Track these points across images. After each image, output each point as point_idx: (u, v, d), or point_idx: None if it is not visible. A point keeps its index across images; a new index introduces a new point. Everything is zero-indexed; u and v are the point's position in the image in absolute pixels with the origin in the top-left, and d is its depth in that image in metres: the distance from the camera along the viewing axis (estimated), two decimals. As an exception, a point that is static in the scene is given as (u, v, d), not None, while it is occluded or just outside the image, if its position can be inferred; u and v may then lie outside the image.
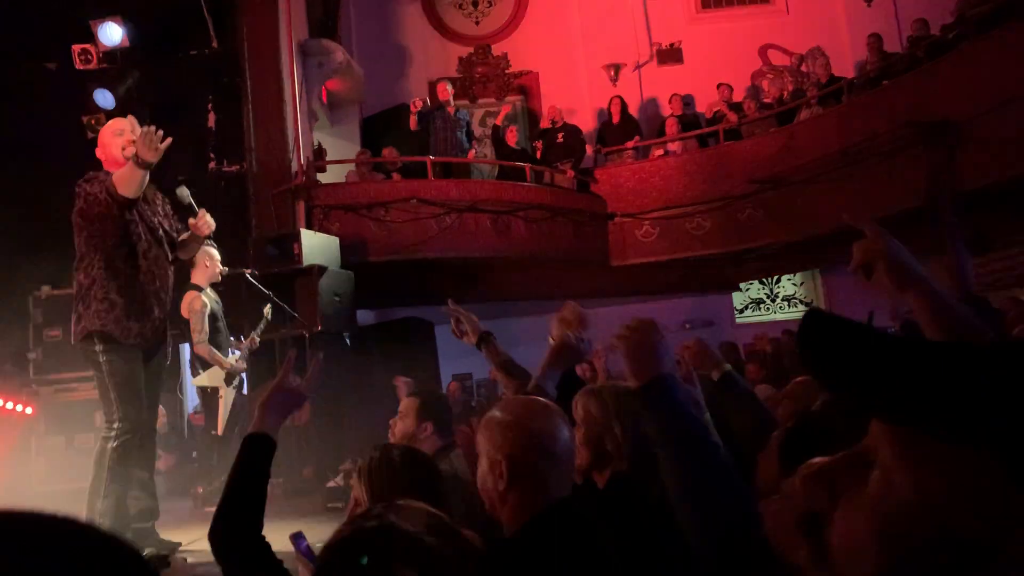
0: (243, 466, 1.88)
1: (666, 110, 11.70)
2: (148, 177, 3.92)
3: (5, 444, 5.92)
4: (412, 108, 9.82)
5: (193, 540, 4.18)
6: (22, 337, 6.62)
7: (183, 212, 4.43)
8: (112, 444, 3.91)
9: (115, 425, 3.93)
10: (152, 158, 3.78)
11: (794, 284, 12.60)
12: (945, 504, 0.50)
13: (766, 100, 11.16)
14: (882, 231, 1.58)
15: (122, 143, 4.11)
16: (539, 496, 1.65)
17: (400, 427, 3.15)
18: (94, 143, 4.33)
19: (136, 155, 3.78)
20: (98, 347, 3.95)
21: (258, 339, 6.42)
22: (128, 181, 3.87)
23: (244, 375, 6.60)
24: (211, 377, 5.90)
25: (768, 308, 12.62)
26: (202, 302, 5.84)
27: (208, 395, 6.02)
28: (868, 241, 1.60)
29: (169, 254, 4.27)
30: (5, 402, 6.31)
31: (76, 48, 7.32)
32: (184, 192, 4.40)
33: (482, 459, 1.74)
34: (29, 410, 6.46)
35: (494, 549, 1.60)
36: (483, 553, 1.33)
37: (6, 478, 5.31)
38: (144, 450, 4.12)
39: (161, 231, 4.23)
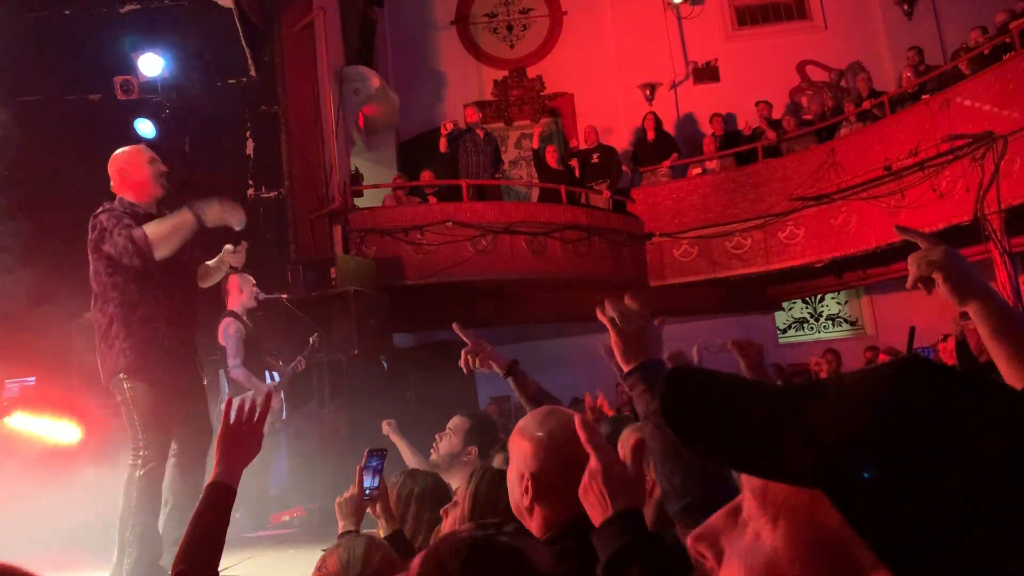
0: (200, 517, 1.86)
1: (703, 129, 11.60)
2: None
3: (48, 469, 5.98)
4: (442, 131, 9.88)
5: (226, 567, 4.16)
6: (65, 363, 6.71)
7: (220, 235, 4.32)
8: (139, 473, 3.81)
9: (141, 453, 3.84)
10: (220, 222, 3.75)
11: (838, 303, 12.35)
12: (802, 554, 0.51)
13: (806, 117, 11.02)
14: (938, 241, 1.54)
15: (158, 170, 4.06)
16: (565, 514, 1.61)
17: (446, 445, 3.15)
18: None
19: (203, 211, 3.71)
20: (123, 376, 3.85)
21: (304, 362, 6.43)
22: (171, 238, 3.76)
23: (283, 398, 6.62)
24: None
25: (812, 327, 12.38)
26: (236, 327, 5.86)
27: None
28: (924, 252, 1.54)
29: (191, 280, 4.15)
30: (50, 427, 6.39)
31: (118, 79, 7.48)
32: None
33: (512, 468, 1.71)
34: (74, 434, 6.53)
35: None
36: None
37: (48, 504, 5.36)
38: (193, 476, 4.03)
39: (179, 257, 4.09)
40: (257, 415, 2.03)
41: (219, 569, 1.84)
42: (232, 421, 1.98)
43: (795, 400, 0.54)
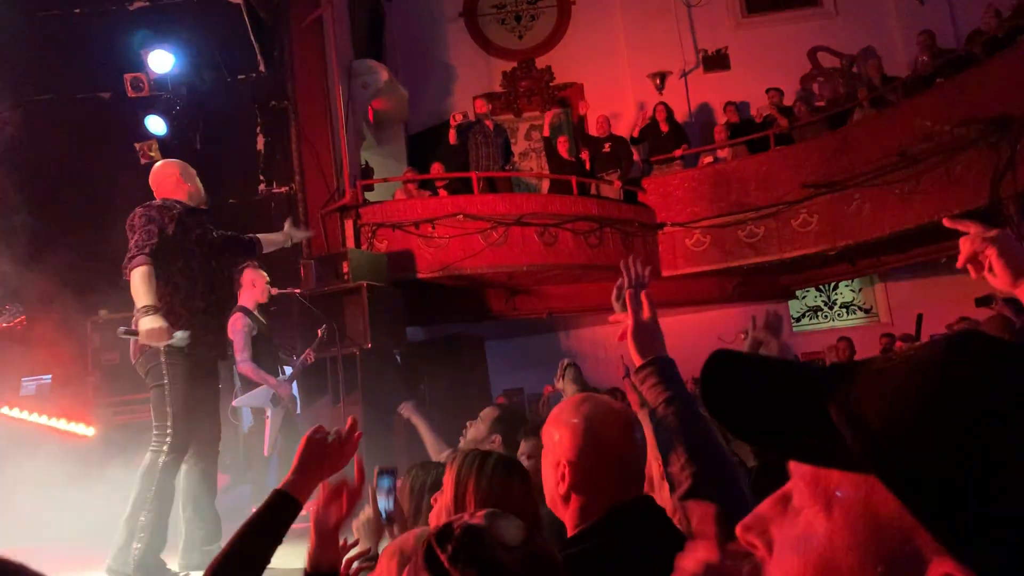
0: (256, 522, 1.67)
1: (714, 117, 11.54)
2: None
3: (65, 466, 6.02)
4: (452, 122, 9.86)
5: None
6: (81, 361, 6.75)
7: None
8: (163, 459, 3.88)
9: (167, 439, 3.91)
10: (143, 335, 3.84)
11: (852, 291, 12.28)
12: (858, 542, 0.50)
13: (818, 103, 10.94)
14: (987, 226, 1.57)
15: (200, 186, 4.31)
16: (601, 502, 1.60)
17: (472, 432, 3.20)
18: (147, 169, 4.42)
19: (146, 324, 3.80)
20: (164, 357, 3.95)
21: (314, 354, 6.44)
22: (138, 287, 3.89)
23: (296, 394, 6.63)
24: (256, 398, 5.93)
25: (826, 316, 12.32)
26: (245, 322, 5.88)
27: (256, 415, 6.05)
28: (980, 231, 1.57)
29: (223, 263, 4.31)
30: (67, 424, 6.44)
31: (128, 77, 7.49)
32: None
33: (547, 456, 1.70)
34: (90, 431, 6.58)
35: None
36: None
37: (65, 500, 5.40)
38: (207, 474, 4.11)
39: (212, 241, 4.26)
40: (346, 437, 1.83)
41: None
42: (320, 435, 1.79)
43: (844, 382, 0.53)
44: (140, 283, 3.86)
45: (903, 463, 0.47)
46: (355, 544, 1.98)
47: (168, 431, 3.91)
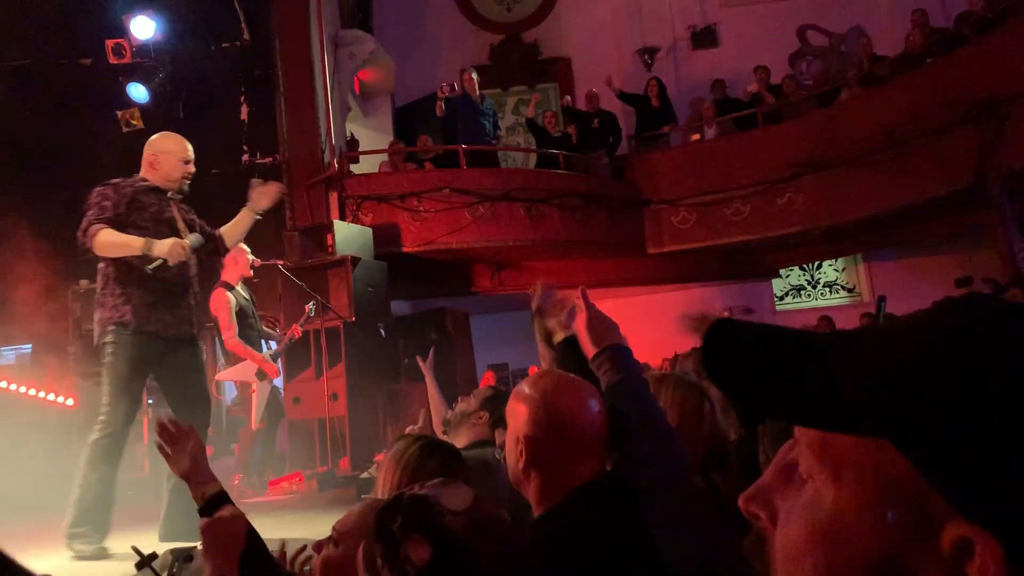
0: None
1: (702, 94, 11.49)
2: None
3: (46, 436, 5.99)
4: (439, 94, 9.76)
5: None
6: (62, 331, 6.69)
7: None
8: (93, 437, 3.82)
9: (100, 419, 3.84)
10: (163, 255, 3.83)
11: (835, 270, 12.34)
12: (869, 507, 0.49)
13: (806, 82, 10.92)
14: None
15: (186, 171, 4.15)
16: (560, 477, 1.59)
17: (461, 405, 3.20)
18: (129, 137, 4.37)
19: (152, 249, 3.80)
20: (109, 337, 3.89)
21: (301, 329, 6.42)
22: (112, 251, 3.86)
23: (281, 366, 6.61)
24: (241, 372, 5.90)
25: (809, 295, 12.39)
26: (228, 298, 5.84)
27: (242, 389, 6.03)
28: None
29: (188, 241, 4.12)
30: (47, 394, 6.39)
31: (110, 43, 7.36)
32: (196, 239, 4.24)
33: (509, 432, 1.69)
34: (71, 401, 6.53)
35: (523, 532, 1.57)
36: (517, 542, 1.32)
37: (46, 471, 5.37)
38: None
39: (174, 220, 4.15)
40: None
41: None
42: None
43: (851, 346, 0.52)
44: (112, 241, 3.82)
45: (916, 425, 0.47)
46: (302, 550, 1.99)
47: (104, 409, 3.85)
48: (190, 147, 4.26)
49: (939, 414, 0.46)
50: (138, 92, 7.49)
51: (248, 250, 5.95)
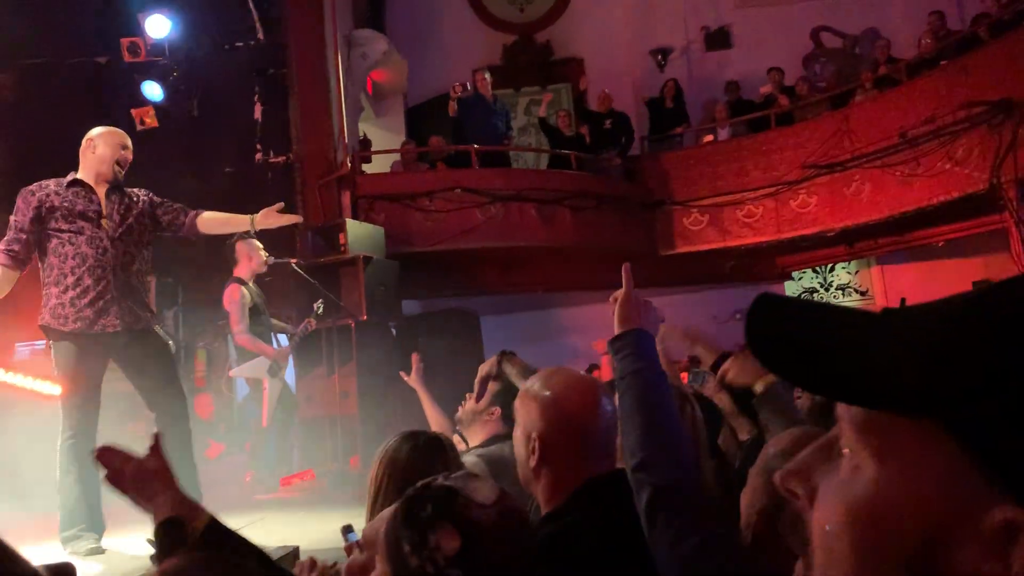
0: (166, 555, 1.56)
1: (715, 96, 11.45)
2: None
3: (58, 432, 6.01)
4: (452, 94, 9.76)
5: (240, 527, 4.17)
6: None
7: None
8: (59, 443, 3.80)
9: (61, 422, 3.82)
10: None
11: (848, 272, 12.28)
12: (911, 487, 0.48)
13: (819, 84, 10.87)
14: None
15: (121, 156, 4.13)
16: (571, 476, 1.59)
17: (471, 403, 3.20)
18: (144, 136, 4.35)
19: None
20: (49, 342, 3.90)
21: (314, 323, 6.42)
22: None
23: (292, 362, 6.63)
24: (252, 369, 5.91)
25: (821, 298, 12.33)
26: (240, 293, 5.85)
27: (254, 386, 6.05)
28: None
29: (109, 230, 4.01)
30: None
31: (125, 41, 7.40)
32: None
33: (517, 430, 1.69)
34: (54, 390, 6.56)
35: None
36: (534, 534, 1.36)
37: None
38: (175, 437, 3.92)
39: (95, 211, 4.02)
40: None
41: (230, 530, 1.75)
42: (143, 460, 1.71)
43: (901, 323, 0.51)
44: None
45: (967, 405, 0.46)
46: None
47: (62, 412, 3.83)
48: (124, 134, 4.25)
49: (993, 394, 0.45)
50: (152, 91, 7.52)
51: (261, 247, 5.97)
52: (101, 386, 3.99)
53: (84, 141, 4.20)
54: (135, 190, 4.21)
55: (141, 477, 1.66)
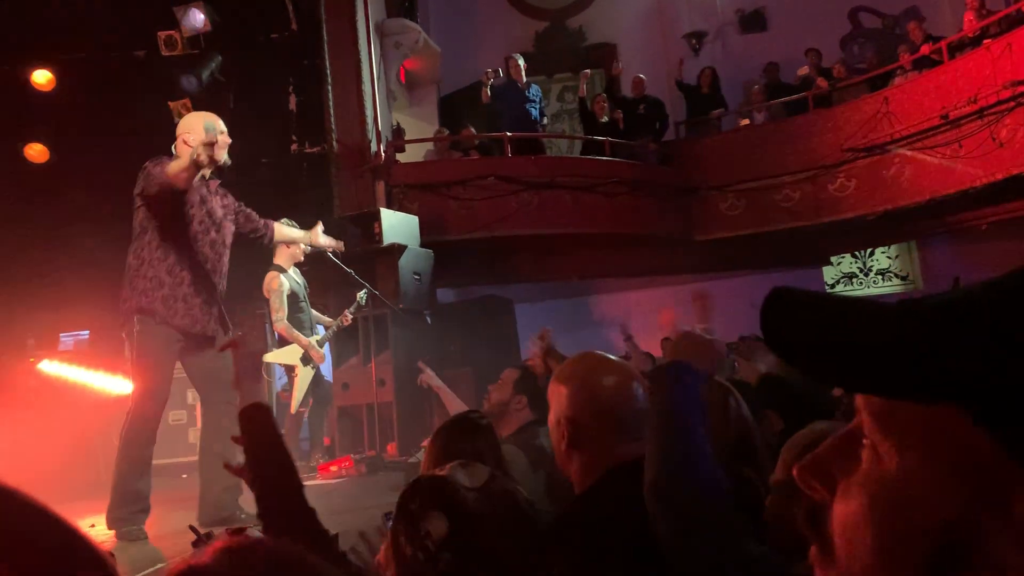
0: (248, 451, 1.87)
1: (751, 79, 11.30)
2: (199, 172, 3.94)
3: (103, 421, 6.15)
4: (484, 79, 9.74)
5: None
6: (116, 316, 6.84)
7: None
8: (126, 425, 3.88)
9: (130, 406, 3.92)
10: (209, 165, 3.83)
11: (888, 257, 12.07)
12: (937, 478, 0.47)
13: (858, 65, 10.67)
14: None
15: (207, 155, 4.15)
16: (603, 459, 1.60)
17: (496, 395, 3.21)
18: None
19: (198, 156, 3.75)
20: (136, 326, 3.92)
21: (351, 316, 6.50)
22: (181, 176, 3.86)
23: (328, 352, 6.70)
24: (286, 355, 5.98)
25: (861, 282, 12.14)
26: (280, 281, 5.92)
27: (288, 373, 6.13)
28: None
29: (227, 240, 4.23)
30: (104, 379, 6.56)
31: (162, 35, 7.48)
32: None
33: (551, 414, 1.71)
34: (127, 386, 6.70)
35: (563, 511, 1.61)
36: (538, 520, 1.36)
37: (101, 452, 5.53)
38: (218, 430, 4.04)
39: (220, 216, 4.20)
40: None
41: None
42: (234, 343, 2.05)
43: (925, 311, 0.50)
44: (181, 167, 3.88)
45: (994, 392, 0.45)
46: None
47: (132, 395, 3.94)
48: (220, 121, 4.24)
49: (1022, 378, 0.44)
50: (189, 83, 7.60)
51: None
52: None
53: (180, 134, 4.20)
54: None
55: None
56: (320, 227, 4.86)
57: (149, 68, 7.78)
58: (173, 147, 4.17)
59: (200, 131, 4.10)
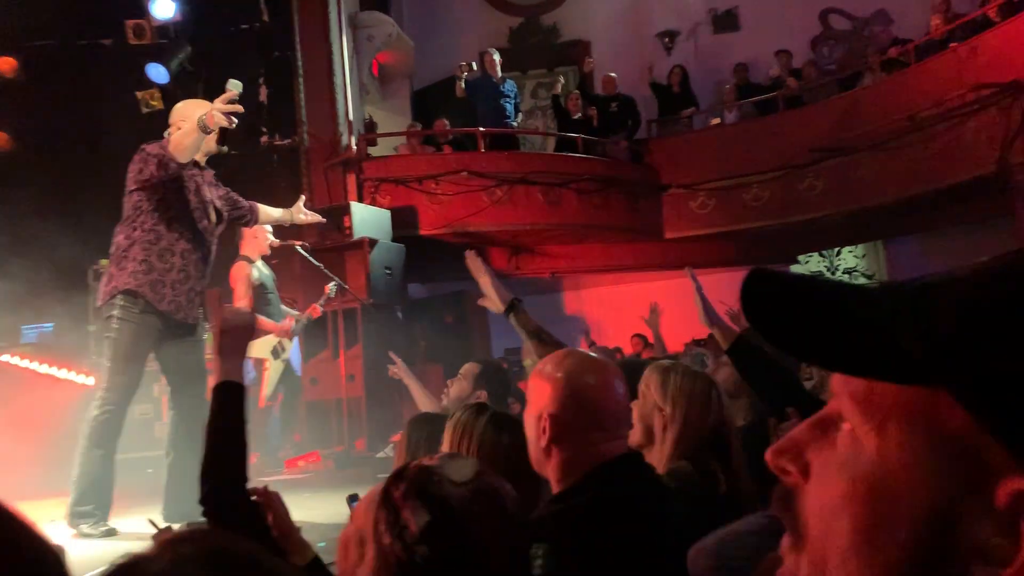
0: (213, 423, 1.84)
1: (722, 78, 11.38)
2: (202, 143, 3.87)
3: (65, 414, 6.05)
4: (458, 73, 9.71)
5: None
6: (81, 309, 6.75)
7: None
8: (94, 413, 3.81)
9: (101, 394, 3.84)
10: (215, 125, 3.71)
11: (856, 256, 12.23)
12: (919, 460, 0.46)
13: (828, 66, 10.80)
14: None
15: (207, 148, 4.08)
16: (585, 456, 1.59)
17: (455, 389, 3.17)
18: (149, 118, 4.38)
19: (203, 118, 3.68)
20: (117, 308, 3.85)
21: (320, 309, 6.45)
22: (184, 144, 3.79)
23: (297, 347, 6.64)
24: (257, 349, 5.93)
25: (828, 282, 12.25)
26: (248, 271, 5.86)
27: (257, 367, 6.07)
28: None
29: (216, 227, 4.21)
30: (68, 372, 6.45)
31: (130, 23, 7.38)
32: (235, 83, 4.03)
33: (529, 410, 1.69)
34: (91, 380, 6.60)
35: (546, 509, 1.58)
36: (521, 513, 1.34)
37: (64, 447, 5.44)
38: (191, 421, 4.01)
39: (212, 203, 4.20)
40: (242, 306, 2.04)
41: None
42: (223, 315, 1.99)
43: (908, 290, 0.49)
44: (184, 138, 3.83)
45: (978, 372, 0.44)
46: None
47: (105, 383, 3.85)
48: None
49: (1007, 361, 0.43)
50: (158, 73, 7.50)
51: (269, 228, 5.98)
52: None
53: (176, 121, 4.11)
54: None
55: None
56: (301, 201, 4.82)
57: (117, 57, 7.67)
58: (166, 133, 4.12)
59: (196, 118, 4.08)
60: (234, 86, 3.86)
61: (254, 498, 1.82)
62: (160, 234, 3.94)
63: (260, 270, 6.04)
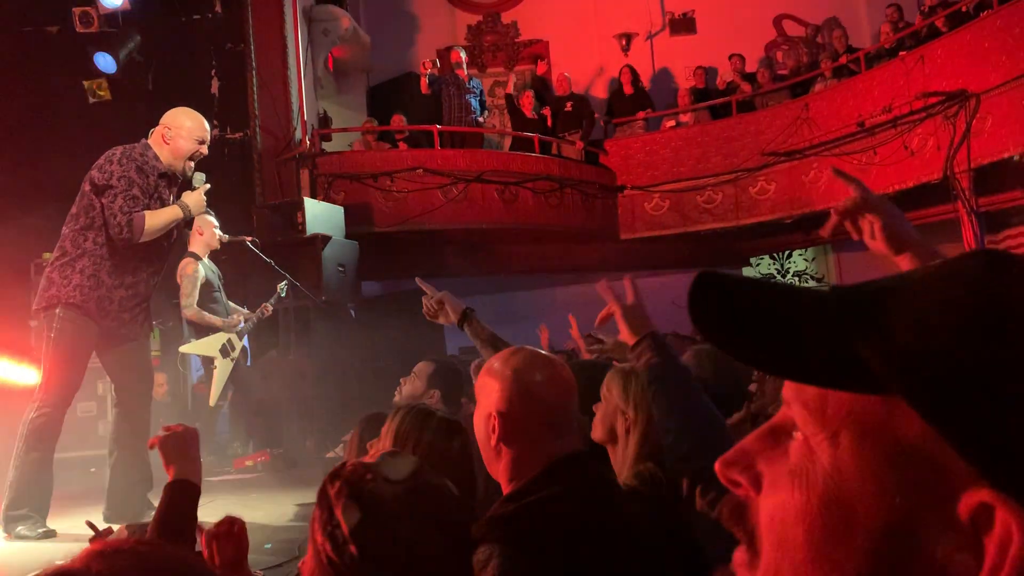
0: (163, 516, 1.83)
1: (678, 81, 11.49)
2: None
3: (8, 416, 5.86)
4: (422, 70, 9.63)
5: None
6: (23, 304, 6.54)
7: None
8: (31, 415, 3.75)
9: (38, 397, 3.78)
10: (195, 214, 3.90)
11: (805, 259, 12.43)
12: (874, 470, 0.45)
13: (780, 71, 10.96)
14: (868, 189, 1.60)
15: (197, 151, 4.04)
16: (537, 455, 1.57)
17: (408, 388, 3.15)
18: (96, 108, 4.25)
19: (189, 208, 3.83)
20: (58, 317, 3.78)
21: (271, 307, 6.35)
22: (160, 226, 3.84)
23: (247, 346, 6.53)
24: (205, 347, 5.82)
25: (778, 284, 12.45)
26: (194, 267, 5.75)
27: (206, 365, 5.96)
28: (864, 194, 1.61)
29: (162, 254, 4.15)
30: (8, 370, 6.26)
31: (77, 11, 7.18)
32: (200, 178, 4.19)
33: (479, 408, 1.67)
34: (31, 378, 6.41)
35: (498, 509, 1.56)
36: (467, 519, 1.35)
37: (8, 449, 5.28)
38: (137, 421, 3.97)
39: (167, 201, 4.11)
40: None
41: None
42: (161, 439, 1.94)
43: (861, 299, 0.47)
44: (156, 224, 3.81)
45: (935, 381, 0.42)
46: None
47: (40, 388, 3.79)
48: (207, 127, 4.16)
49: (963, 368, 0.42)
50: (106, 62, 7.30)
51: (216, 224, 5.86)
52: None
53: (163, 126, 4.06)
54: None
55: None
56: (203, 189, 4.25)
57: (62, 45, 7.45)
58: (149, 132, 4.04)
59: (183, 130, 4.05)
60: (198, 180, 4.01)
61: (220, 528, 1.73)
62: (114, 249, 3.85)
63: (207, 267, 5.92)
